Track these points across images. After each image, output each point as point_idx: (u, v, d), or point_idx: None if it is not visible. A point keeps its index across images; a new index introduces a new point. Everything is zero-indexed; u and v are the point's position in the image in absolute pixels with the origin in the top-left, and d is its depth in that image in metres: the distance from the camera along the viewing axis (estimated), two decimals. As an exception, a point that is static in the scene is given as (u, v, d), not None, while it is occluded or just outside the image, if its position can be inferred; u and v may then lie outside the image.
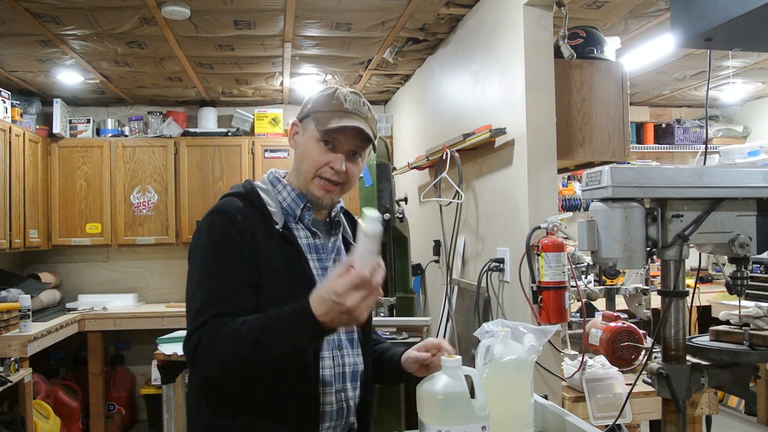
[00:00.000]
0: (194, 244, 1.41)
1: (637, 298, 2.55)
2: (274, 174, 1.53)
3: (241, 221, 1.37)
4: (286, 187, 1.49)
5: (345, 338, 1.48)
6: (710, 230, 1.46)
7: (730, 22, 1.32)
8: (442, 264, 3.71)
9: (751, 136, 5.66)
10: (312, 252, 1.46)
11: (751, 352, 1.50)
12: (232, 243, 1.35)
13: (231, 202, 1.42)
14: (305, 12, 3.19)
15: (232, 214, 1.38)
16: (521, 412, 1.36)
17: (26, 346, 3.69)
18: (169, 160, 4.99)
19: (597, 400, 2.27)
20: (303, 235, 1.46)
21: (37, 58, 3.90)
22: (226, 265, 1.34)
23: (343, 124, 1.41)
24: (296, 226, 1.46)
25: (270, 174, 1.54)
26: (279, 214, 1.43)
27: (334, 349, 1.44)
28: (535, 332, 1.39)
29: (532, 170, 2.48)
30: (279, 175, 1.53)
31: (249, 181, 1.51)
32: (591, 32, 2.65)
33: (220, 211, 1.40)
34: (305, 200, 1.46)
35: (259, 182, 1.51)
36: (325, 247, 1.50)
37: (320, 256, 1.47)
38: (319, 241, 1.48)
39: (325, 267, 1.47)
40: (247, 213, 1.40)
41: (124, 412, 4.90)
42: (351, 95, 1.46)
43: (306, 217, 1.47)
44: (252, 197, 1.44)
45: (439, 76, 3.82)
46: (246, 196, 1.44)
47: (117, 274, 5.36)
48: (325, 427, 1.41)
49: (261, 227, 1.39)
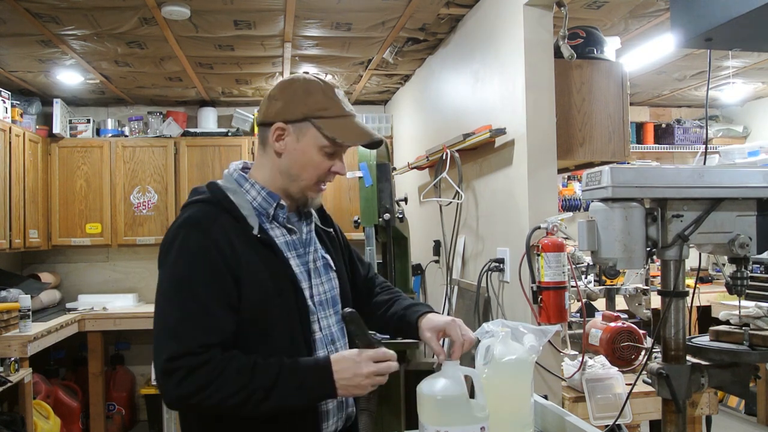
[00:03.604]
0: (165, 257, 1.32)
1: (637, 298, 2.55)
2: (239, 172, 1.45)
3: (217, 233, 1.30)
4: (254, 185, 1.42)
5: (337, 329, 1.47)
6: (710, 230, 1.46)
7: (730, 22, 1.32)
8: (442, 264, 3.71)
9: (751, 136, 5.66)
10: (291, 249, 1.43)
11: (751, 352, 1.50)
12: (209, 261, 1.28)
13: (202, 211, 1.35)
14: (305, 12, 3.19)
15: (206, 226, 1.31)
16: (521, 412, 1.36)
17: (26, 346, 3.68)
18: (169, 160, 4.99)
19: (597, 400, 2.27)
20: (279, 234, 1.42)
21: (37, 58, 3.89)
22: (202, 286, 1.27)
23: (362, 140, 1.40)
24: (270, 226, 1.41)
25: (234, 172, 1.45)
26: (252, 217, 1.37)
27: (328, 344, 1.43)
28: (535, 332, 1.39)
29: (532, 170, 2.48)
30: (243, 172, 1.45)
31: (213, 183, 1.42)
32: (591, 32, 2.65)
33: (192, 224, 1.32)
34: (277, 198, 1.41)
35: (222, 181, 1.43)
36: (302, 240, 1.46)
37: (299, 251, 1.45)
38: (295, 237, 1.45)
39: (306, 262, 1.44)
40: (221, 222, 1.32)
41: (124, 412, 4.90)
42: (339, 91, 1.42)
43: (280, 216, 1.42)
44: (223, 203, 1.36)
45: (439, 76, 3.82)
46: (216, 202, 1.37)
47: (117, 274, 5.36)
48: (330, 424, 1.41)
49: (237, 235, 1.32)
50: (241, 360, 1.25)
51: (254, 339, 1.32)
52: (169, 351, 1.23)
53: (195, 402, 1.23)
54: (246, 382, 1.22)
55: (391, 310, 1.56)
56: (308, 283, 1.43)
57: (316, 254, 1.48)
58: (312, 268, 1.45)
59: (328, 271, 1.49)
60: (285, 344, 1.33)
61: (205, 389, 1.21)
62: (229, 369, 1.23)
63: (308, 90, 1.40)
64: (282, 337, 1.34)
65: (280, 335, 1.34)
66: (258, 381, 1.23)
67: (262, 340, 1.32)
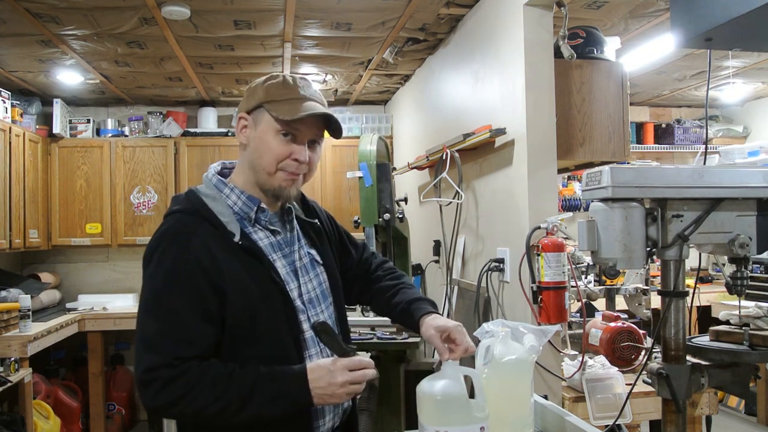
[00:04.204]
0: (146, 266, 1.34)
1: (637, 298, 2.55)
2: (217, 177, 1.44)
3: (196, 245, 1.30)
4: (233, 190, 1.41)
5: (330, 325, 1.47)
6: (710, 230, 1.46)
7: (730, 22, 1.32)
8: (442, 264, 3.71)
9: (751, 136, 5.66)
10: (276, 251, 1.43)
11: (751, 352, 1.50)
12: (187, 275, 1.29)
13: (181, 223, 1.35)
14: (305, 12, 3.19)
15: (184, 239, 1.31)
16: (521, 412, 1.36)
17: (26, 346, 3.68)
18: (169, 160, 4.99)
19: (597, 400, 2.27)
20: (263, 236, 1.42)
21: (37, 58, 3.89)
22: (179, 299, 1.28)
23: (308, 112, 1.35)
24: (253, 229, 1.41)
25: (212, 177, 1.44)
26: (233, 223, 1.36)
27: (318, 344, 1.42)
28: (535, 332, 1.39)
29: (532, 170, 2.48)
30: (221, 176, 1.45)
31: (192, 190, 1.41)
32: (591, 32, 2.65)
33: (171, 237, 1.33)
34: (257, 202, 1.41)
35: (202, 187, 1.43)
36: (287, 240, 1.46)
37: (285, 252, 1.44)
38: (280, 237, 1.45)
39: (293, 261, 1.44)
40: (200, 232, 1.32)
41: (124, 412, 4.90)
42: (301, 80, 1.41)
43: (262, 219, 1.42)
44: (202, 212, 1.36)
45: (439, 76, 3.82)
46: (194, 212, 1.36)
47: (117, 274, 5.36)
48: (326, 421, 1.41)
49: (218, 244, 1.32)
50: (218, 370, 1.27)
51: (243, 343, 1.33)
52: (146, 362, 1.25)
53: (174, 412, 1.26)
54: (221, 393, 1.24)
55: (395, 299, 1.56)
56: (296, 282, 1.43)
57: (302, 251, 1.48)
58: (299, 267, 1.45)
59: (315, 267, 1.50)
60: (274, 346, 1.34)
61: (181, 400, 1.23)
62: (204, 380, 1.24)
63: (269, 81, 1.41)
64: (270, 339, 1.34)
65: (269, 338, 1.34)
66: (233, 391, 1.25)
67: (251, 343, 1.33)
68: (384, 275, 1.65)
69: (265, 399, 1.25)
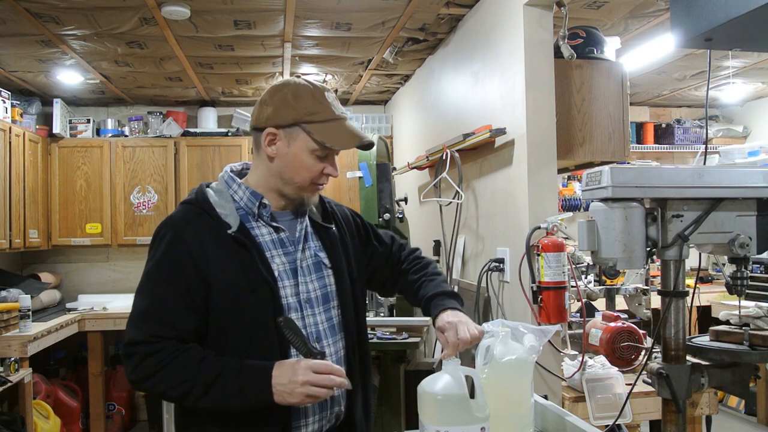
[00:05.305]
0: (149, 250, 1.42)
1: (637, 298, 2.55)
2: (229, 174, 1.51)
3: (189, 234, 1.38)
4: (241, 186, 1.46)
5: (326, 327, 1.47)
6: (710, 230, 1.46)
7: (730, 22, 1.32)
8: (442, 264, 3.71)
9: (751, 136, 5.66)
10: (277, 247, 1.45)
11: (751, 352, 1.50)
12: (176, 261, 1.36)
13: (183, 212, 1.44)
14: (305, 12, 3.19)
15: (180, 227, 1.39)
16: (521, 412, 1.36)
17: (26, 346, 3.68)
18: (169, 160, 4.99)
19: (597, 400, 2.27)
20: (265, 232, 1.45)
21: (37, 58, 3.89)
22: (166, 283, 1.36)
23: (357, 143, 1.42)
24: (257, 224, 1.45)
25: (225, 174, 1.51)
26: (233, 216, 1.41)
27: (312, 341, 1.42)
28: (535, 332, 1.39)
29: (532, 170, 2.48)
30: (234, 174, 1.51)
31: (202, 185, 1.49)
32: (591, 32, 2.65)
33: (170, 225, 1.42)
34: (260, 197, 1.45)
35: (215, 183, 1.50)
36: (291, 239, 1.48)
37: (287, 249, 1.46)
38: (283, 234, 1.47)
39: (294, 260, 1.46)
40: (196, 223, 1.40)
41: (124, 412, 4.90)
42: (328, 93, 1.44)
43: (264, 215, 1.46)
44: (203, 204, 1.43)
45: (439, 76, 3.82)
46: (197, 203, 1.44)
47: (117, 274, 5.36)
48: (309, 422, 1.40)
49: (212, 235, 1.38)
50: (191, 354, 1.32)
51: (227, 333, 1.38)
52: (129, 336, 1.36)
53: (146, 387, 1.35)
54: (188, 376, 1.30)
55: (420, 293, 1.59)
56: (292, 280, 1.44)
57: (308, 252, 1.50)
58: (299, 266, 1.46)
59: (321, 269, 1.50)
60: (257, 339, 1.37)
61: (152, 377, 1.31)
62: (176, 361, 1.31)
63: (297, 94, 1.42)
64: (254, 332, 1.37)
65: (252, 330, 1.37)
66: (199, 377, 1.29)
67: (234, 334, 1.37)
68: (409, 269, 1.68)
69: (228, 389, 1.29)
